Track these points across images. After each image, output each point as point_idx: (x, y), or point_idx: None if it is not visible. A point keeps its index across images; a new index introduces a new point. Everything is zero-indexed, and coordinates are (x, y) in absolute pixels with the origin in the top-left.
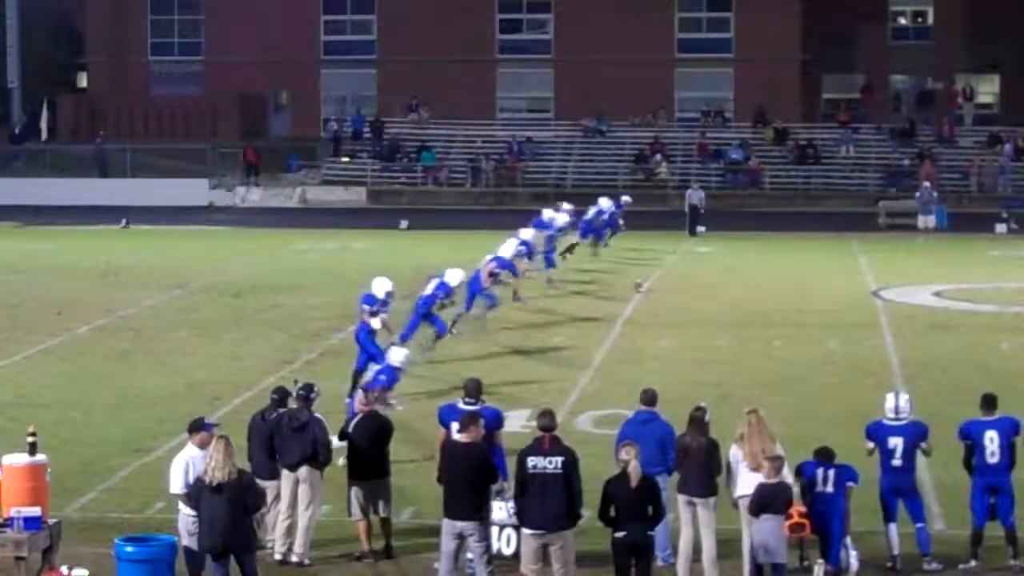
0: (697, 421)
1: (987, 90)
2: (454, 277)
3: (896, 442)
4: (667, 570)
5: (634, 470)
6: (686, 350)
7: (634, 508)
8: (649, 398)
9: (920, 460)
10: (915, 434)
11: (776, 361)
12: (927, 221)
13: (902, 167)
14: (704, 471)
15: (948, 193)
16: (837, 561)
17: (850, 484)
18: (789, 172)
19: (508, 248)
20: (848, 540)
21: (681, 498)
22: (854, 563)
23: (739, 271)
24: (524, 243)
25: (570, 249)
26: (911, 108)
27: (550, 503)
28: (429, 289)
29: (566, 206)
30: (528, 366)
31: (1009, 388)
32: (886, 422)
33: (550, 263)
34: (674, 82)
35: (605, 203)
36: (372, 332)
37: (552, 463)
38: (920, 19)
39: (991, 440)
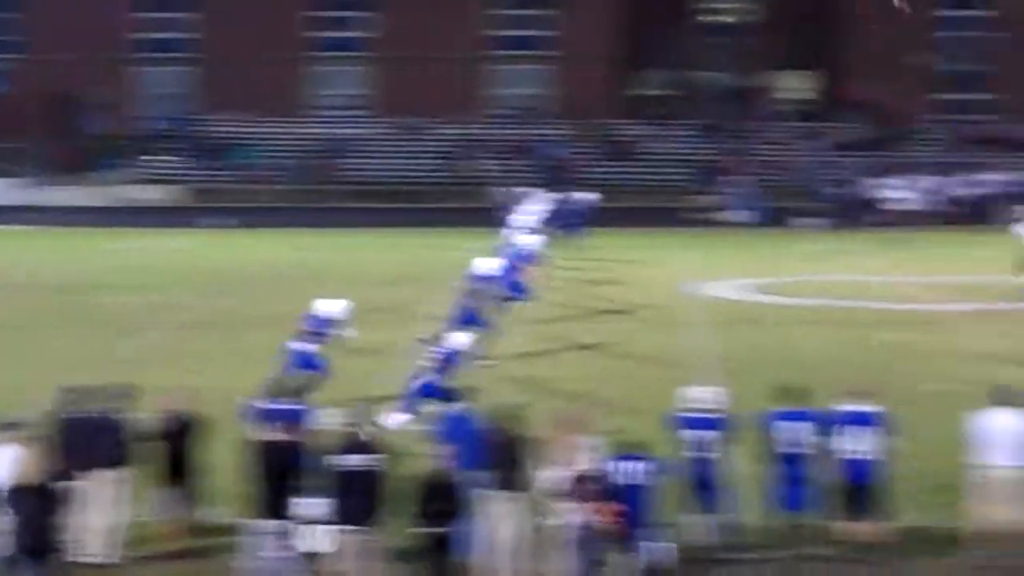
0: (509, 416)
1: (801, 86)
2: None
3: (703, 434)
4: (477, 565)
5: (442, 467)
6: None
7: (441, 504)
8: (458, 395)
9: (725, 451)
10: (723, 426)
11: (597, 357)
12: (739, 215)
13: (714, 162)
14: (515, 465)
15: (761, 188)
16: (647, 553)
17: (658, 476)
18: (603, 168)
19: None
20: (656, 532)
21: (492, 493)
22: (663, 555)
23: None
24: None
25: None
26: (723, 104)
27: (362, 500)
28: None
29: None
30: (346, 361)
31: (817, 380)
32: (694, 415)
33: None
34: (489, 79)
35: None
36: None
37: (364, 460)
38: (733, 17)
39: (798, 431)
